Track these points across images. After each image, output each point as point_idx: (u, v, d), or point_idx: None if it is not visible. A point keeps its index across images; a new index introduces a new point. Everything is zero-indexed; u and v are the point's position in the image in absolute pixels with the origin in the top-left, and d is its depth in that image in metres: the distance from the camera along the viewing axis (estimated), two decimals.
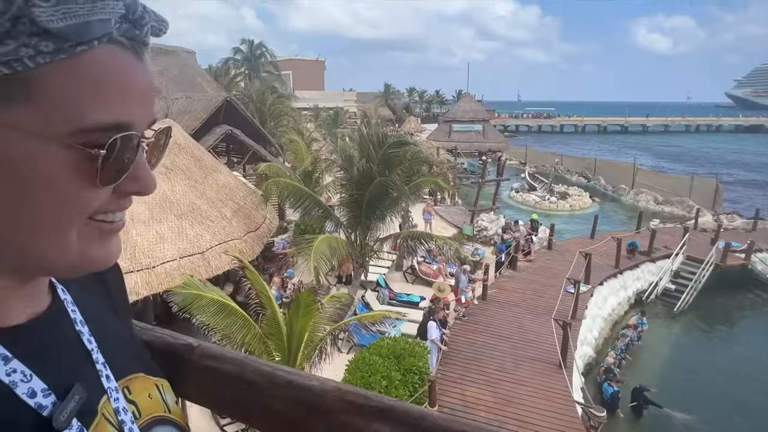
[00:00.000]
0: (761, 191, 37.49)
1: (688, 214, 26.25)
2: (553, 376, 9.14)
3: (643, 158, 52.92)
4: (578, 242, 18.07)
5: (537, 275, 14.68)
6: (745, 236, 19.01)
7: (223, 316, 6.14)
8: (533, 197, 30.59)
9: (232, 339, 6.13)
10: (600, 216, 21.19)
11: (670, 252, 17.12)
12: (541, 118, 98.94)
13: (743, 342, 14.13)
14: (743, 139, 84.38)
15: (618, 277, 15.44)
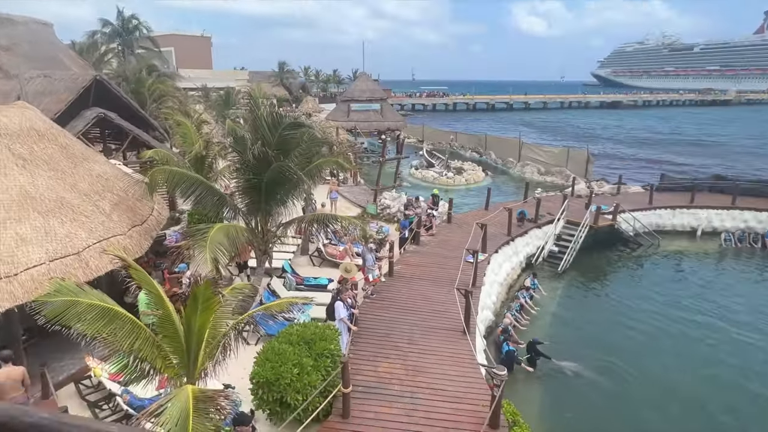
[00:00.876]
0: (622, 160, 42.87)
1: (566, 182, 29.12)
2: (458, 343, 9.65)
3: (527, 133, 57.56)
4: (475, 214, 19.18)
5: (439, 248, 15.32)
6: (612, 200, 21.63)
7: (106, 323, 5.45)
8: (432, 173, 31.78)
9: (117, 347, 5.49)
10: (492, 188, 22.66)
11: (553, 218, 18.90)
12: (435, 97, 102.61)
13: (613, 291, 16.16)
14: (606, 114, 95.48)
15: (510, 244, 16.69)
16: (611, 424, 9.72)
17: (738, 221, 21.40)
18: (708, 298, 15.42)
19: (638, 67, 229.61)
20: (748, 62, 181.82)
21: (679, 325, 13.69)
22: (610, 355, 12.03)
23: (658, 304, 15.03)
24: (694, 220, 21.71)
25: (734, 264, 18.85)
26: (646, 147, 50.75)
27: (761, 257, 19.45)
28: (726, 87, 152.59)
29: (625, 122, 77.83)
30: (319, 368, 7.42)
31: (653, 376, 11.27)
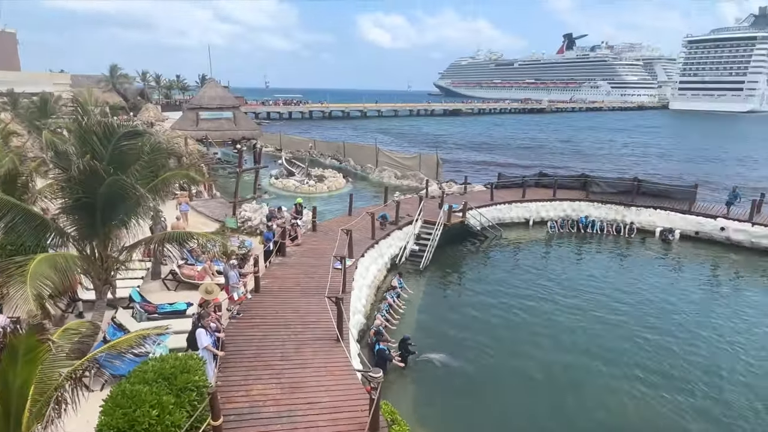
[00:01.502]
0: (467, 162, 47.55)
1: (420, 185, 31.15)
2: (333, 351, 9.57)
3: (383, 140, 60.31)
4: (339, 221, 19.36)
5: (306, 258, 15.08)
6: (461, 199, 23.76)
7: None
8: (293, 182, 31.30)
9: None
10: (354, 194, 23.19)
11: (411, 219, 20.04)
12: (291, 105, 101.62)
13: (469, 281, 17.75)
14: (450, 121, 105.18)
15: (375, 247, 17.21)
16: (478, 406, 10.56)
17: (558, 211, 25.28)
18: (542, 278, 17.86)
19: (472, 79, 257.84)
20: (555, 77, 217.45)
21: (525, 305, 15.57)
22: (471, 341, 13.16)
23: (506, 288, 16.92)
24: (526, 212, 25.04)
25: (558, 246, 22.18)
26: (485, 150, 57.11)
27: (577, 238, 23.25)
28: (540, 97, 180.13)
29: (466, 128, 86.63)
30: (184, 404, 6.66)
31: (509, 354, 12.61)
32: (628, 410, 10.52)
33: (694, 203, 23.92)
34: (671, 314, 15.19)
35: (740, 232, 22.00)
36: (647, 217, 24.24)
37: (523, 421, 10.17)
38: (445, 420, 10.02)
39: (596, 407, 10.58)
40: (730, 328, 14.33)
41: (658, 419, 10.23)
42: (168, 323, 10.33)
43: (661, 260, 20.78)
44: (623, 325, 14.33)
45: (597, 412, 10.40)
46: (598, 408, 10.56)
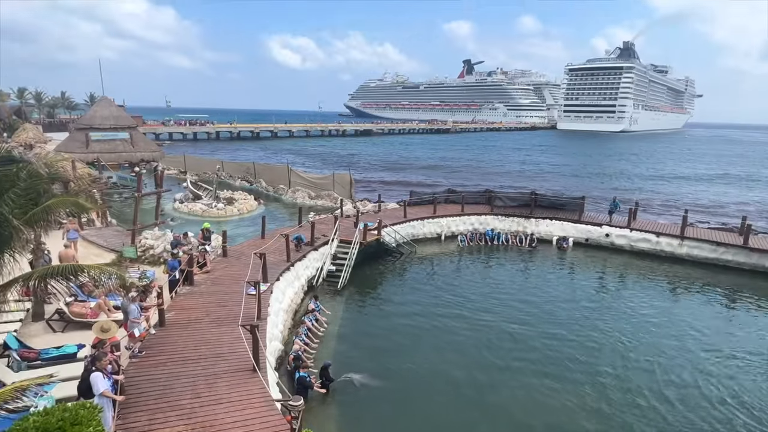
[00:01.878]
0: (380, 181, 48.46)
1: (335, 204, 31.10)
2: (249, 382, 9.05)
3: (295, 160, 59.56)
4: (252, 244, 18.62)
5: (217, 285, 14.25)
6: (375, 217, 24.09)
7: None
8: (200, 206, 29.63)
9: None
10: (267, 216, 22.47)
11: (327, 239, 19.86)
12: (197, 126, 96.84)
13: (386, 298, 17.88)
14: (361, 141, 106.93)
15: (291, 269, 16.76)
16: (402, 422, 10.55)
17: (467, 225, 26.63)
18: (455, 290, 18.56)
19: (381, 100, 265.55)
20: (457, 99, 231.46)
21: (440, 318, 16.01)
22: (391, 358, 13.21)
23: (423, 302, 17.30)
24: (438, 227, 26.03)
25: (468, 259, 23.26)
26: (397, 169, 58.70)
27: (485, 250, 24.60)
28: (445, 118, 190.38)
29: (377, 148, 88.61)
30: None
31: (429, 367, 12.83)
32: (539, 408, 11.16)
33: (583, 213, 26.57)
34: (570, 315, 16.54)
35: (621, 237, 24.79)
36: (545, 227, 26.40)
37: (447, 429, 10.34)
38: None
39: (513, 409, 11.09)
40: (617, 325, 15.93)
41: (561, 413, 10.97)
42: (54, 370, 9.17)
43: (558, 266, 22.66)
44: (530, 329, 15.31)
45: (513, 413, 10.91)
46: (514, 409, 11.08)
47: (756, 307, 18.06)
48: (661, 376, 12.73)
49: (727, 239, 22.87)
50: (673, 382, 12.50)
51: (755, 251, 21.78)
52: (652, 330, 15.60)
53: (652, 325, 15.95)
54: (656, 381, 12.47)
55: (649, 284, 20.30)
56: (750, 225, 22.82)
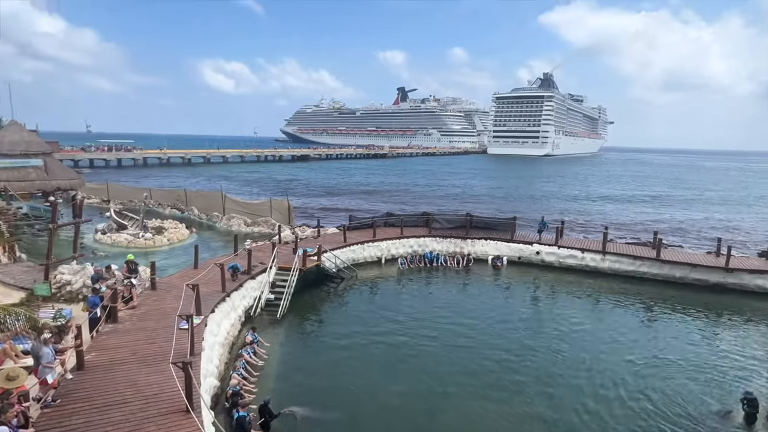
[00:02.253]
0: (318, 206, 48.09)
1: (273, 231, 30.38)
2: (182, 425, 8.40)
3: (229, 186, 57.78)
4: (183, 275, 17.63)
5: (145, 321, 13.26)
6: (315, 242, 23.77)
7: None
8: (125, 236, 27.76)
9: None
10: (200, 245, 21.44)
11: (265, 266, 19.26)
12: (121, 152, 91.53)
13: (328, 325, 17.50)
14: (299, 166, 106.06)
15: (227, 300, 16.01)
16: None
17: (407, 247, 26.96)
18: (397, 313, 18.57)
19: (318, 125, 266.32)
20: (393, 125, 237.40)
21: (382, 344, 15.90)
22: (334, 387, 12.86)
23: (365, 327, 17.12)
24: (378, 251, 26.12)
25: (409, 281, 23.45)
26: (335, 194, 58.63)
27: (425, 272, 24.97)
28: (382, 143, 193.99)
29: (315, 173, 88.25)
30: None
31: (372, 392, 12.62)
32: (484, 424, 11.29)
33: (515, 233, 27.85)
34: (506, 334, 17.05)
35: (551, 254, 26.19)
36: (480, 247, 27.34)
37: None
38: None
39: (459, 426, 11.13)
40: (552, 336, 16.67)
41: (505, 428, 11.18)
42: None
43: (494, 285, 23.44)
44: (469, 351, 15.55)
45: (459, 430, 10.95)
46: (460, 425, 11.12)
47: (669, 314, 19.65)
48: (594, 381, 13.41)
49: (643, 253, 24.87)
50: (605, 385, 13.27)
51: (666, 263, 23.83)
52: (582, 341, 16.44)
53: (582, 337, 16.84)
54: (591, 385, 13.13)
55: (577, 298, 21.50)
56: (661, 239, 25.01)
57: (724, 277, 22.75)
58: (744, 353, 15.84)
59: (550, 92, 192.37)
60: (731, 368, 14.70)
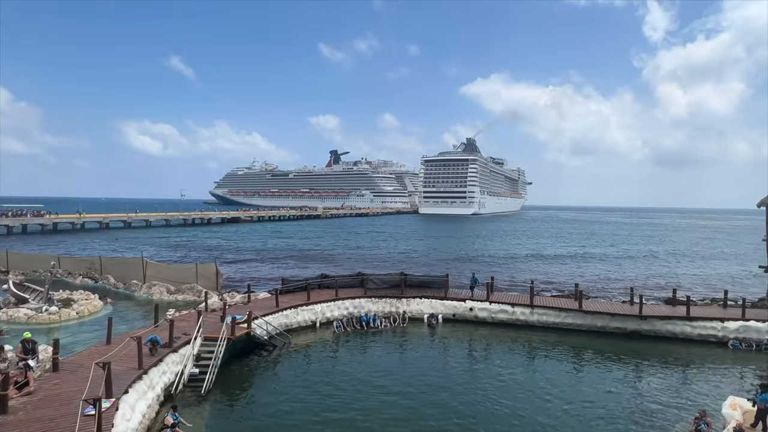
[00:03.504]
0: (249, 269, 46.31)
1: (198, 298, 28.60)
2: None
3: (152, 252, 54.30)
4: (93, 352, 15.88)
5: (43, 408, 11.60)
6: (245, 308, 22.61)
7: None
8: (25, 311, 24.77)
9: None
10: (115, 317, 19.64)
11: (189, 337, 17.88)
12: (26, 217, 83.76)
13: (258, 399, 16.25)
14: (228, 229, 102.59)
15: (144, 378, 14.50)
16: None
17: (342, 309, 26.40)
18: (333, 381, 17.76)
19: (250, 188, 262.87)
20: (326, 187, 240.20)
21: (318, 414, 14.99)
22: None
23: (299, 399, 16.08)
24: (312, 314, 25.31)
25: (345, 345, 22.73)
26: (267, 258, 56.93)
27: (361, 334, 24.39)
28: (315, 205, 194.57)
29: (246, 236, 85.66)
30: None
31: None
32: None
33: (448, 290, 28.36)
34: (447, 394, 16.84)
35: (483, 310, 26.80)
36: (416, 306, 27.42)
37: None
38: None
39: None
40: (489, 394, 16.66)
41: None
42: None
43: (430, 344, 23.35)
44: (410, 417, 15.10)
45: None
46: None
47: (595, 362, 20.53)
48: None
49: (567, 305, 26.20)
50: None
51: (588, 313, 25.22)
52: (517, 396, 16.56)
53: (517, 392, 16.97)
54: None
55: (511, 352, 21.92)
56: (581, 291, 26.60)
57: (639, 324, 24.41)
58: (663, 397, 16.75)
59: (474, 155, 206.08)
60: (652, 411, 15.42)
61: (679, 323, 24.05)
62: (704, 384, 18.14)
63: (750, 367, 20.27)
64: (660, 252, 72.08)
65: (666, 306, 26.99)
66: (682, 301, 25.49)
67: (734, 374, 19.42)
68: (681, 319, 24.09)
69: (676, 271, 51.31)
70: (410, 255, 61.82)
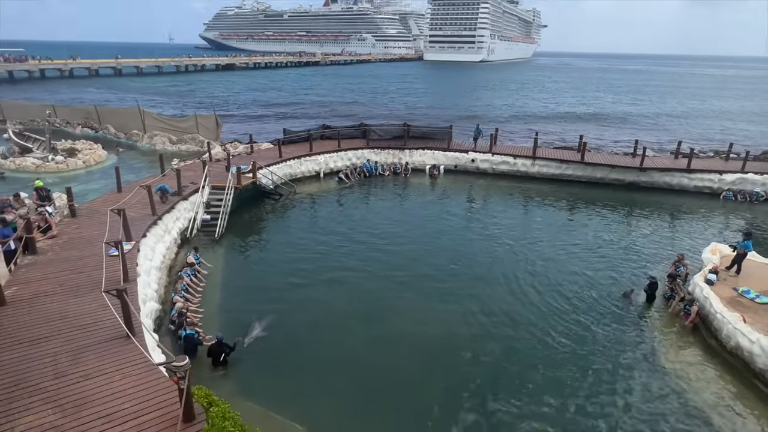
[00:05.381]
0: (249, 120, 45.50)
1: (201, 148, 28.65)
2: (124, 350, 8.30)
3: (148, 101, 52.72)
4: (107, 199, 16.44)
5: (69, 250, 12.44)
6: (248, 159, 22.75)
7: None
8: (31, 160, 25.05)
9: None
10: (122, 166, 19.86)
11: (197, 186, 18.35)
12: (11, 62, 79.47)
13: (269, 242, 17.39)
14: (224, 76, 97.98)
15: (159, 223, 15.28)
16: (299, 363, 10.68)
17: (345, 160, 26.61)
18: (339, 226, 18.78)
19: (242, 30, 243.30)
20: (324, 29, 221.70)
21: (326, 254, 16.17)
22: (280, 302, 13.10)
23: (307, 242, 17.23)
24: (316, 165, 25.59)
25: (349, 194, 23.48)
26: (267, 106, 55.47)
27: (365, 184, 25.01)
28: (313, 50, 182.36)
29: (243, 84, 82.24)
30: None
31: (320, 305, 13.02)
32: (431, 320, 12.16)
33: (452, 141, 28.18)
34: (445, 235, 17.93)
35: (485, 161, 27.01)
36: (418, 157, 27.56)
37: (344, 358, 10.72)
38: (268, 388, 9.86)
39: (407, 325, 11.90)
40: (484, 238, 17.76)
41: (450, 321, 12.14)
42: None
43: (431, 192, 24.09)
44: (412, 251, 16.32)
45: (408, 329, 11.72)
46: (409, 325, 11.90)
47: (590, 211, 21.39)
48: (525, 274, 14.68)
49: (569, 156, 26.27)
50: (532, 273, 14.87)
51: (589, 165, 25.43)
52: (513, 239, 17.66)
53: (514, 235, 18.06)
54: (523, 278, 14.39)
55: (509, 201, 22.73)
56: (586, 143, 26.41)
57: (638, 176, 24.78)
58: (650, 243, 17.83)
59: None
60: (639, 257, 16.58)
61: (677, 175, 24.41)
62: (691, 232, 19.16)
63: (738, 217, 21.17)
64: (676, 106, 69.83)
65: (668, 159, 27.07)
66: (686, 154, 25.48)
67: (721, 223, 20.39)
68: (680, 171, 24.37)
69: (689, 124, 50.33)
70: (414, 106, 60.05)
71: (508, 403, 9.47)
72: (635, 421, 9.09)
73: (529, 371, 10.44)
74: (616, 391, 9.92)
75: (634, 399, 9.70)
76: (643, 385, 10.13)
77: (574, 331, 11.98)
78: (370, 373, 10.27)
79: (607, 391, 9.88)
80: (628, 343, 11.57)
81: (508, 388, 9.87)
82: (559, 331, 11.96)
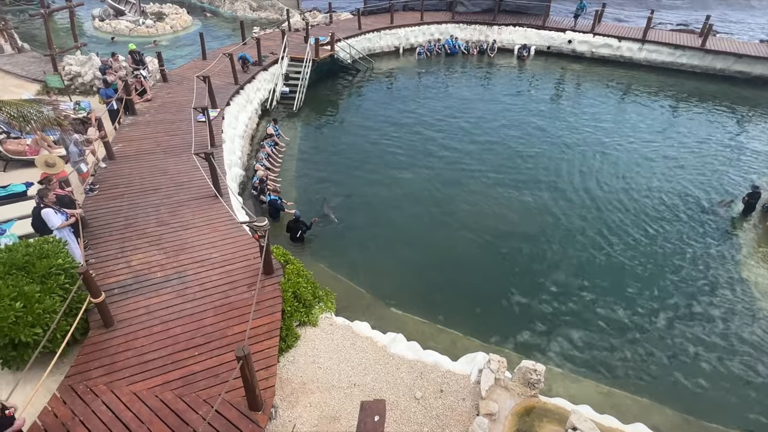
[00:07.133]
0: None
1: (280, 16, 27.95)
2: (213, 208, 9.23)
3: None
4: (193, 66, 17.03)
5: (162, 113, 13.38)
6: (327, 30, 21.95)
7: None
8: (125, 23, 25.97)
9: None
10: (205, 33, 20.07)
11: (276, 57, 18.29)
12: None
13: (347, 117, 17.44)
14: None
15: (241, 93, 15.73)
16: (373, 236, 11.28)
17: (427, 35, 24.87)
18: (417, 106, 18.24)
19: None
20: None
21: (404, 134, 16.01)
22: (355, 180, 13.50)
23: (384, 120, 17.05)
24: (395, 39, 24.22)
25: (429, 72, 22.28)
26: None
27: (446, 62, 23.52)
28: None
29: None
30: (53, 289, 6.13)
31: (395, 183, 13.29)
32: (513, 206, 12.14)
33: (548, 17, 25.03)
34: (531, 122, 16.91)
35: (583, 43, 23.99)
36: (507, 35, 25.04)
37: (410, 239, 11.18)
38: (338, 257, 10.62)
39: (475, 214, 12.02)
40: (569, 129, 16.54)
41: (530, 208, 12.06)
42: (8, 210, 8.97)
43: (518, 76, 22.18)
44: (487, 140, 15.73)
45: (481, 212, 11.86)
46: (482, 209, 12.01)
47: (700, 109, 18.88)
48: (607, 171, 13.82)
49: (686, 41, 22.58)
50: (621, 175, 13.80)
51: (710, 53, 21.81)
52: (599, 134, 16.32)
53: (602, 130, 16.64)
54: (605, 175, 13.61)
55: (605, 91, 20.50)
56: (711, 25, 22.34)
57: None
58: (764, 149, 15.71)
59: None
60: (747, 162, 14.79)
61: None
62: None
63: None
64: None
65: None
66: None
67: None
68: None
69: None
70: None
71: (565, 304, 9.58)
72: (717, 339, 8.81)
73: (594, 273, 10.34)
74: (694, 306, 9.51)
75: (715, 313, 9.36)
76: (728, 304, 9.61)
77: (654, 236, 11.41)
78: (434, 254, 10.69)
79: (685, 306, 9.51)
80: (714, 257, 10.86)
81: (570, 288, 9.90)
82: (636, 238, 11.39)
